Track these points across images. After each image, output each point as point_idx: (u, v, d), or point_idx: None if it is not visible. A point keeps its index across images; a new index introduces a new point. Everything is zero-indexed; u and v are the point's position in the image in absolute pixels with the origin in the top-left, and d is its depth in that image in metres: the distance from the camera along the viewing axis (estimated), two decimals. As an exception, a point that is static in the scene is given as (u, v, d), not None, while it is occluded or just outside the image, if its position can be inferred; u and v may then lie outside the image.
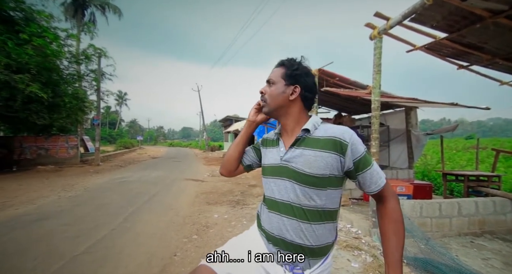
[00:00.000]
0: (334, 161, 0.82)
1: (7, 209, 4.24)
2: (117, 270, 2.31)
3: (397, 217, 0.82)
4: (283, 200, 0.86)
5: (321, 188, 0.83)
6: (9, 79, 7.15)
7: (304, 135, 0.87)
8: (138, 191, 5.86)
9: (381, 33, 3.18)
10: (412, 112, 5.71)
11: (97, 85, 11.78)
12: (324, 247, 0.85)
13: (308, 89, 0.92)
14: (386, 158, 6.55)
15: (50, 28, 9.00)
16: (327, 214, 0.85)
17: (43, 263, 2.40)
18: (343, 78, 5.16)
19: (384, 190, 0.84)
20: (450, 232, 3.27)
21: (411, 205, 3.23)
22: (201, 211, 4.32)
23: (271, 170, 0.93)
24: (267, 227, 0.90)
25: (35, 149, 11.20)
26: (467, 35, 2.89)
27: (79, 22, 17.71)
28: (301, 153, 0.85)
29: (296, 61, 0.94)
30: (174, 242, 2.99)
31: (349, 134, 0.83)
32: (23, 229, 3.29)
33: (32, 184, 6.67)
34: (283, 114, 0.93)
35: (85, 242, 2.90)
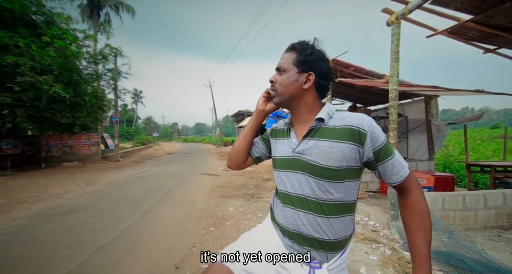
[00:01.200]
0: (351, 152, 0.78)
1: (39, 202, 4.56)
2: (140, 260, 2.43)
3: (423, 209, 0.78)
4: (297, 194, 0.84)
5: (338, 180, 0.79)
6: (34, 80, 7.57)
7: (318, 125, 0.83)
8: (156, 185, 6.07)
9: (399, 18, 3.02)
10: (432, 101, 5.43)
11: (114, 84, 12.19)
12: (343, 240, 0.84)
13: (323, 77, 0.85)
14: (404, 149, 6.31)
15: (69, 30, 9.37)
16: (345, 206, 0.82)
17: (74, 252, 2.57)
18: (358, 68, 4.99)
19: (408, 181, 0.79)
20: (475, 225, 3.13)
21: (433, 197, 3.11)
22: (217, 204, 4.42)
23: (282, 162, 0.89)
24: (281, 221, 0.88)
25: (60, 146, 11.87)
26: (495, 15, 2.67)
27: (95, 23, 18.27)
28: (315, 144, 0.81)
29: (309, 45, 0.86)
30: (192, 234, 3.10)
31: (368, 122, 0.79)
32: (54, 221, 3.54)
33: (59, 179, 7.11)
34: (296, 104, 0.88)
35: (110, 234, 3.07)
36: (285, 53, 0.89)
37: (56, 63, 8.21)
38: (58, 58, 8.29)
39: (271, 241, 0.89)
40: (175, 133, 76.31)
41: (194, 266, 2.30)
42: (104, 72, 12.02)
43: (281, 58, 0.89)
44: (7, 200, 4.67)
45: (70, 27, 9.68)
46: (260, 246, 0.89)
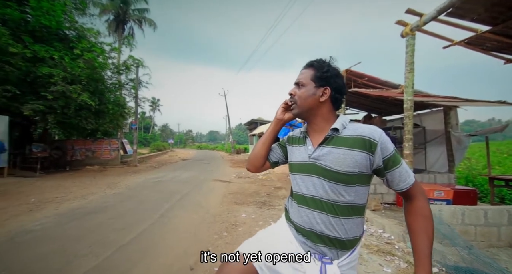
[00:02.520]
0: (363, 159, 0.85)
1: (65, 202, 4.87)
2: (158, 260, 2.55)
3: (427, 214, 0.84)
4: (312, 196, 0.91)
5: (350, 184, 0.87)
6: (65, 89, 8.20)
7: (333, 134, 0.91)
8: (172, 190, 6.27)
9: (414, 30, 3.07)
10: (452, 112, 5.28)
11: (135, 93, 12.88)
12: (353, 240, 0.90)
13: (338, 91, 0.95)
14: (422, 161, 6.12)
15: (97, 43, 10.14)
16: (356, 209, 0.89)
17: (96, 250, 2.74)
18: (372, 78, 5.00)
19: (413, 188, 0.87)
20: (499, 242, 2.97)
21: (451, 211, 3.01)
22: (230, 210, 4.50)
23: (298, 167, 0.98)
24: (296, 220, 0.95)
25: (84, 151, 12.57)
26: None
27: (120, 36, 19.57)
28: (330, 151, 0.89)
29: (325, 63, 0.96)
30: (206, 238, 3.19)
31: (379, 134, 0.87)
32: (79, 220, 3.77)
33: (83, 182, 7.52)
34: (313, 115, 0.96)
35: (129, 234, 3.23)
36: (303, 70, 0.99)
37: (84, 74, 8.88)
38: (87, 69, 8.97)
39: (285, 238, 0.97)
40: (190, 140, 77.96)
41: (207, 266, 2.38)
42: (126, 82, 12.76)
43: (300, 74, 0.99)
44: (38, 199, 5.03)
45: (98, 40, 10.49)
46: (275, 242, 0.97)
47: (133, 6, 20.05)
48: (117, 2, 18.98)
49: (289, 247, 0.94)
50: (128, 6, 19.64)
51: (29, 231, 3.26)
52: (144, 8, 20.42)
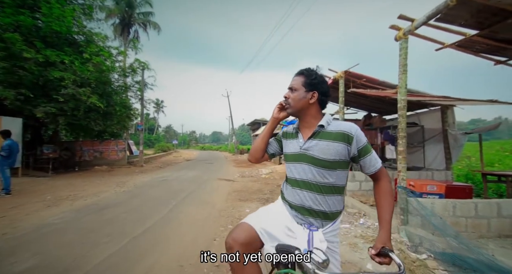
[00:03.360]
0: (342, 149, 1.08)
1: (79, 199, 5.15)
2: (169, 248, 2.79)
3: (389, 191, 1.08)
4: (302, 179, 1.13)
5: (333, 169, 1.09)
6: (75, 92, 8.53)
7: (319, 129, 1.13)
8: (178, 188, 6.53)
9: (407, 34, 3.27)
10: (448, 111, 5.44)
11: (141, 95, 13.21)
12: (335, 212, 1.12)
13: (324, 94, 1.18)
14: (421, 159, 6.28)
15: (105, 47, 10.48)
16: (337, 188, 1.11)
17: (114, 239, 2.99)
18: (370, 79, 5.19)
19: (380, 172, 1.10)
20: (489, 233, 3.15)
21: (443, 204, 3.20)
22: (234, 206, 4.72)
23: (292, 157, 1.18)
24: (290, 199, 1.17)
25: (92, 151, 12.93)
26: (500, 30, 2.84)
27: (125, 40, 20.00)
28: (317, 143, 1.11)
29: (313, 71, 1.17)
30: (212, 230, 3.42)
31: (355, 129, 1.10)
32: (94, 215, 4.04)
33: (93, 181, 7.83)
34: (303, 114, 1.18)
35: (142, 226, 3.48)
36: (295, 77, 1.21)
37: (93, 77, 9.21)
38: (95, 73, 9.30)
39: (281, 213, 1.19)
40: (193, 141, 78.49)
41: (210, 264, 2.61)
42: (132, 84, 13.11)
43: (293, 80, 1.21)
44: (53, 197, 5.32)
45: (106, 44, 10.83)
46: (273, 215, 1.19)
47: (138, 10, 20.48)
48: (123, 6, 19.42)
49: (284, 219, 1.16)
50: (133, 10, 20.07)
51: (51, 224, 3.54)
52: (149, 12, 20.85)
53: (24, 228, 3.37)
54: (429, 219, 2.97)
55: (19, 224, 3.53)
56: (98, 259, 2.46)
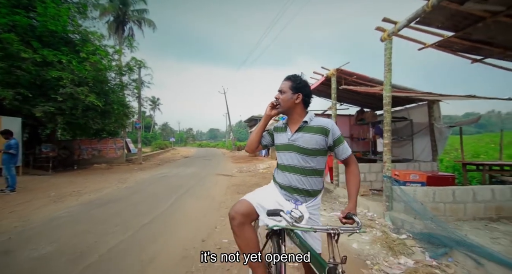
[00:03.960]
0: (321, 140, 1.33)
1: (83, 195, 5.36)
2: (175, 235, 3.04)
3: (357, 173, 1.35)
4: (290, 164, 1.38)
5: (313, 156, 1.34)
6: (73, 91, 8.64)
7: (304, 125, 1.38)
8: (178, 184, 6.76)
9: (391, 35, 3.51)
10: (434, 105, 5.75)
11: (138, 93, 13.30)
12: (316, 190, 1.38)
13: (307, 96, 1.43)
14: (410, 152, 6.60)
15: (101, 46, 10.53)
16: (317, 171, 1.37)
17: (123, 228, 3.23)
18: (361, 76, 5.45)
19: (349, 158, 1.37)
20: (465, 216, 3.46)
21: (424, 191, 3.50)
22: (233, 199, 4.98)
23: (282, 147, 1.44)
24: (280, 181, 1.43)
25: (90, 150, 13.05)
26: (473, 32, 3.10)
27: (120, 37, 19.90)
28: (302, 135, 1.36)
29: (298, 77, 1.44)
30: (214, 219, 3.68)
31: (331, 124, 1.36)
32: (100, 208, 4.26)
33: (94, 179, 8.02)
34: (291, 112, 1.42)
35: (147, 217, 3.72)
36: (284, 81, 1.46)
37: (90, 76, 9.31)
38: (93, 72, 9.39)
39: (273, 192, 1.45)
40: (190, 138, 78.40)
41: (217, 240, 2.88)
42: (129, 82, 13.18)
43: (282, 84, 1.46)
44: (57, 193, 5.51)
45: (102, 43, 10.88)
46: (267, 194, 1.45)
47: (132, 7, 20.34)
48: (117, 4, 19.28)
49: (275, 196, 1.41)
50: (128, 7, 19.93)
51: (60, 217, 3.76)
52: (143, 9, 20.72)
53: (34, 221, 3.59)
54: (411, 205, 3.27)
55: (29, 217, 3.74)
56: (110, 245, 2.70)
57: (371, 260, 2.40)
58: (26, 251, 2.53)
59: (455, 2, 2.61)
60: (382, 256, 2.48)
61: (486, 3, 2.52)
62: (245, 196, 1.45)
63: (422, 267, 2.24)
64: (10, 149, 5.73)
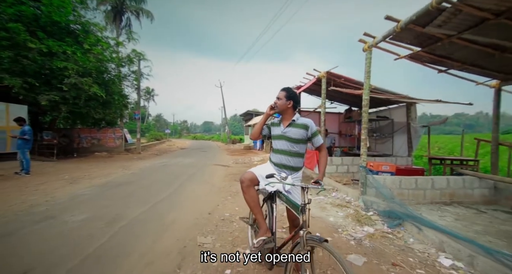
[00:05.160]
0: (304, 133, 1.96)
1: (94, 178, 5.89)
2: (185, 209, 3.66)
3: (325, 155, 2.00)
4: (281, 149, 2.01)
5: (298, 143, 1.97)
6: (77, 82, 8.98)
7: (292, 122, 2.01)
8: (180, 172, 7.34)
9: (370, 47, 4.13)
10: (412, 107, 6.47)
11: (137, 84, 13.62)
12: (298, 167, 2.01)
13: (296, 102, 2.05)
14: (390, 148, 7.36)
15: (103, 37, 10.78)
16: (300, 154, 2.00)
17: (140, 204, 3.82)
18: (348, 79, 6.09)
19: (321, 146, 2.01)
20: (424, 200, 4.21)
21: (392, 180, 4.21)
22: (231, 185, 5.62)
23: (277, 136, 2.06)
24: (274, 160, 2.05)
25: (90, 139, 13.40)
26: (435, 49, 3.76)
27: (117, 27, 19.86)
28: (290, 130, 1.98)
29: (290, 89, 2.05)
30: (215, 200, 4.31)
31: (310, 122, 1.98)
32: (113, 189, 4.83)
33: (98, 165, 8.50)
34: (284, 112, 2.05)
35: (158, 197, 4.32)
36: (280, 91, 2.07)
37: (93, 67, 9.63)
38: (95, 62, 9.71)
39: (269, 167, 2.08)
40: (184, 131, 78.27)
41: (220, 214, 3.51)
42: (128, 74, 13.46)
43: (279, 93, 2.06)
44: (70, 177, 6.03)
45: (103, 35, 11.12)
46: (264, 168, 2.07)
47: (130, -3, 20.21)
48: (115, -7, 19.13)
49: (270, 170, 2.04)
50: (125, -3, 19.81)
51: (82, 195, 4.32)
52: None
53: (60, 197, 4.14)
54: (380, 190, 3.98)
55: (54, 195, 4.29)
56: (134, 214, 3.31)
57: (342, 228, 3.09)
58: (66, 217, 3.12)
59: (419, 26, 3.25)
60: (351, 226, 3.18)
61: (441, 28, 3.16)
62: (250, 169, 2.07)
63: (379, 233, 2.95)
64: (24, 134, 6.17)
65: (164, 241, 2.54)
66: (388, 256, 2.39)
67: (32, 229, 2.76)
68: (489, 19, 2.76)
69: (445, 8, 2.82)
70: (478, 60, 3.85)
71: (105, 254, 2.25)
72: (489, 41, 3.25)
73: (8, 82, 7.74)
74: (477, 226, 3.22)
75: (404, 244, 2.70)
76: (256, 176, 1.97)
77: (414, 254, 2.47)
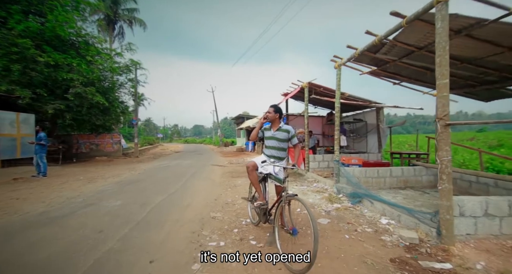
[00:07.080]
0: (286, 135, 2.96)
1: (108, 178, 6.67)
2: (195, 198, 4.58)
3: (298, 150, 3.01)
4: (272, 145, 3.00)
5: (283, 142, 2.97)
6: (82, 91, 9.68)
7: (279, 127, 3.00)
8: (182, 171, 8.20)
9: (340, 65, 5.24)
10: (380, 111, 7.67)
11: (134, 92, 14.31)
12: (284, 157, 3.00)
13: (281, 114, 3.05)
14: (364, 146, 8.54)
15: (103, 49, 11.51)
16: (284, 149, 3.00)
17: (158, 195, 4.70)
18: (326, 88, 7.21)
19: (297, 144, 3.02)
20: (384, 186, 5.32)
21: (359, 170, 5.29)
22: (229, 180, 6.56)
23: (268, 137, 3.04)
24: (266, 153, 3.03)
25: (88, 144, 13.93)
26: (387, 68, 4.90)
27: (110, 35, 20.43)
28: (278, 133, 2.97)
29: (278, 106, 3.05)
30: (217, 191, 5.24)
31: (291, 128, 2.99)
32: (130, 186, 5.66)
33: (103, 168, 9.20)
34: (273, 121, 3.02)
35: (170, 190, 5.20)
36: (270, 107, 3.06)
37: (96, 77, 10.35)
38: (97, 73, 10.43)
39: (263, 158, 3.05)
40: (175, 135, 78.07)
41: (223, 200, 4.45)
42: (125, 82, 14.16)
43: (269, 108, 3.05)
44: (85, 177, 6.77)
45: (103, 46, 11.84)
46: (261, 158, 3.05)
47: (122, 6, 20.86)
48: (107, 2, 19.74)
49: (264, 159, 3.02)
50: (118, 6, 20.44)
51: (105, 190, 5.14)
52: (134, 8, 21.30)
53: (87, 192, 4.95)
54: (350, 179, 5.04)
55: (81, 191, 5.08)
56: (157, 201, 4.21)
57: (317, 206, 4.11)
58: (105, 203, 3.98)
59: (371, 53, 4.36)
60: (324, 204, 4.21)
61: (387, 55, 4.29)
62: (252, 159, 3.05)
63: (344, 207, 3.99)
64: (40, 140, 6.88)
65: (187, 215, 3.48)
66: (346, 219, 3.42)
67: (83, 211, 3.61)
68: (414, 51, 3.90)
69: (385, 43, 3.94)
70: (419, 77, 5.03)
71: (150, 221, 3.17)
72: (421, 64, 4.41)
73: (19, 93, 8.38)
74: (418, 202, 4.32)
75: (360, 213, 3.75)
76: (256, 163, 2.96)
77: (365, 218, 3.51)
